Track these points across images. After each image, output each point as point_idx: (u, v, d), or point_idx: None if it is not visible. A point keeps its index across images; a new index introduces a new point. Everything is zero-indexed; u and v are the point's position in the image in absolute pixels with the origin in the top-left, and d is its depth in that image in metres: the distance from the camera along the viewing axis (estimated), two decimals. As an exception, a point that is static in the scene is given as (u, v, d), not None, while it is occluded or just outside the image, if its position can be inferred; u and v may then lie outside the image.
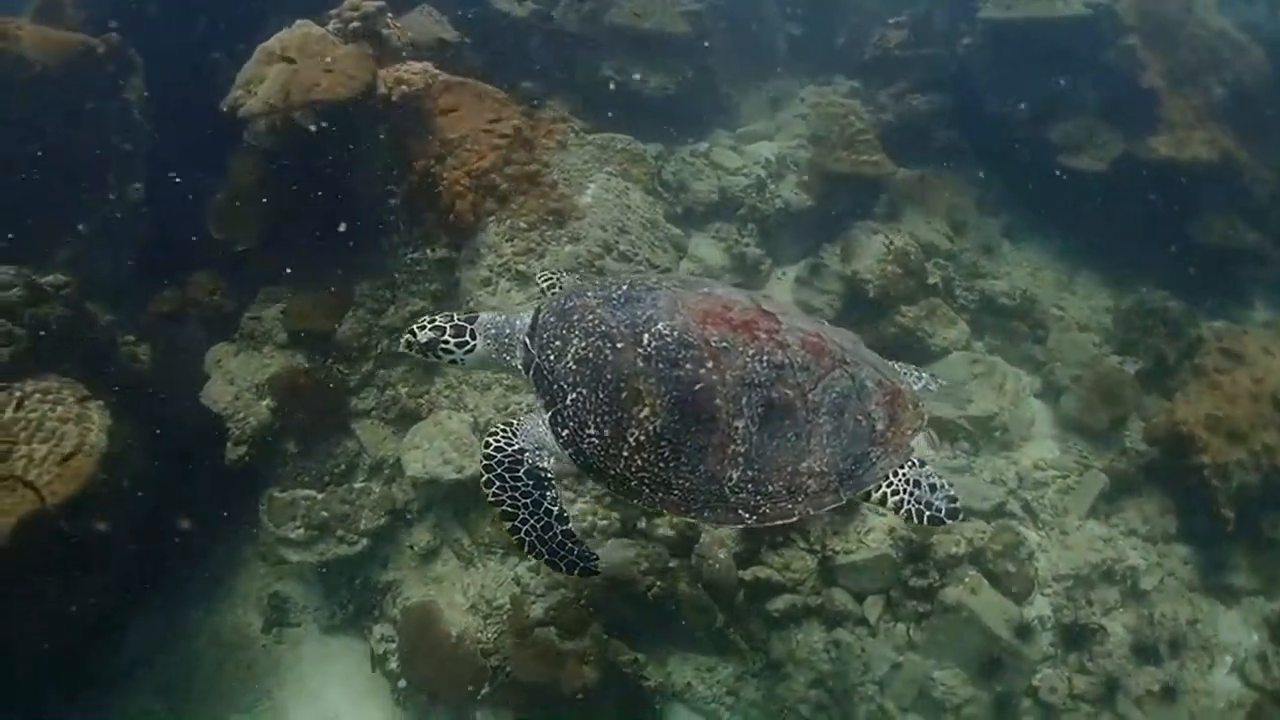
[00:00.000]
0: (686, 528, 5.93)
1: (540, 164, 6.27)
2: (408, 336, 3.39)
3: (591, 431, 2.98)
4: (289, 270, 6.32)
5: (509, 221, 6.12)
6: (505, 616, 5.48)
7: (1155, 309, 7.31)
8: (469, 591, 5.70)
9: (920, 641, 5.77)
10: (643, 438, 2.92)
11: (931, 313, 6.98)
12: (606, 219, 6.38)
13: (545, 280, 3.88)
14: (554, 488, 3.08)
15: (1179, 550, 6.44)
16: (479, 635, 5.50)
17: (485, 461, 3.07)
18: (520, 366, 3.27)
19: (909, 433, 3.22)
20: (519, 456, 3.07)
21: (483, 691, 5.42)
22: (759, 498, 2.98)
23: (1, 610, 4.66)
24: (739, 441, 2.93)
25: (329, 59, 5.68)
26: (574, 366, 3.03)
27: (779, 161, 7.98)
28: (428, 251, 6.07)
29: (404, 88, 5.86)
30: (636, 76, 7.84)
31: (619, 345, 2.98)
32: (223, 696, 5.75)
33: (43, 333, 5.31)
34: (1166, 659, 5.95)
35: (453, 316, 3.41)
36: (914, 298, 6.94)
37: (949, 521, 3.22)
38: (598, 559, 3.06)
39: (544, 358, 3.12)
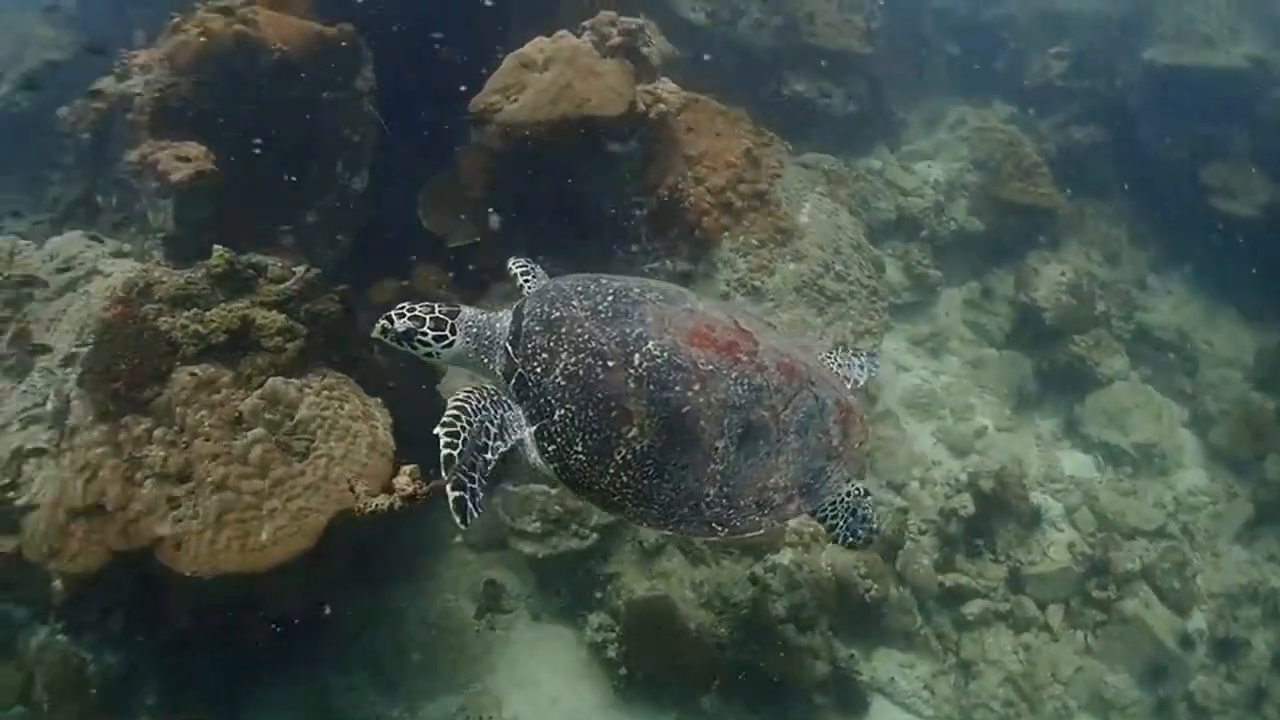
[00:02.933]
0: (894, 536, 6.43)
1: (767, 182, 6.54)
2: (383, 323, 3.16)
3: (579, 449, 2.99)
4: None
5: (742, 238, 6.41)
6: (743, 613, 5.88)
7: (1295, 350, 7.88)
8: (702, 588, 6.08)
9: (1097, 648, 6.39)
10: (629, 456, 2.96)
11: (1099, 343, 7.45)
12: (823, 239, 6.70)
13: (521, 271, 3.67)
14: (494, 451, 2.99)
15: (1312, 577, 7.12)
16: (715, 630, 5.90)
17: (459, 405, 2.92)
18: (500, 373, 3.18)
19: (857, 445, 3.44)
20: (492, 417, 3.00)
21: (714, 683, 5.84)
22: (731, 511, 3.10)
23: (254, 598, 4.79)
24: (718, 460, 3.03)
25: (597, 73, 5.85)
26: (563, 382, 3.01)
27: (949, 184, 8.30)
28: (667, 263, 6.32)
29: (661, 106, 6.06)
30: (824, 92, 8.06)
31: (610, 364, 2.97)
32: (435, 678, 5.77)
33: (317, 328, 5.44)
34: (1302, 673, 6.64)
35: (434, 308, 3.21)
36: (1085, 328, 7.40)
37: (857, 549, 3.54)
38: (479, 514, 2.85)
39: (529, 368, 3.06)
